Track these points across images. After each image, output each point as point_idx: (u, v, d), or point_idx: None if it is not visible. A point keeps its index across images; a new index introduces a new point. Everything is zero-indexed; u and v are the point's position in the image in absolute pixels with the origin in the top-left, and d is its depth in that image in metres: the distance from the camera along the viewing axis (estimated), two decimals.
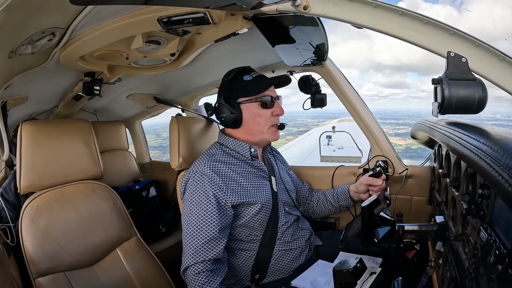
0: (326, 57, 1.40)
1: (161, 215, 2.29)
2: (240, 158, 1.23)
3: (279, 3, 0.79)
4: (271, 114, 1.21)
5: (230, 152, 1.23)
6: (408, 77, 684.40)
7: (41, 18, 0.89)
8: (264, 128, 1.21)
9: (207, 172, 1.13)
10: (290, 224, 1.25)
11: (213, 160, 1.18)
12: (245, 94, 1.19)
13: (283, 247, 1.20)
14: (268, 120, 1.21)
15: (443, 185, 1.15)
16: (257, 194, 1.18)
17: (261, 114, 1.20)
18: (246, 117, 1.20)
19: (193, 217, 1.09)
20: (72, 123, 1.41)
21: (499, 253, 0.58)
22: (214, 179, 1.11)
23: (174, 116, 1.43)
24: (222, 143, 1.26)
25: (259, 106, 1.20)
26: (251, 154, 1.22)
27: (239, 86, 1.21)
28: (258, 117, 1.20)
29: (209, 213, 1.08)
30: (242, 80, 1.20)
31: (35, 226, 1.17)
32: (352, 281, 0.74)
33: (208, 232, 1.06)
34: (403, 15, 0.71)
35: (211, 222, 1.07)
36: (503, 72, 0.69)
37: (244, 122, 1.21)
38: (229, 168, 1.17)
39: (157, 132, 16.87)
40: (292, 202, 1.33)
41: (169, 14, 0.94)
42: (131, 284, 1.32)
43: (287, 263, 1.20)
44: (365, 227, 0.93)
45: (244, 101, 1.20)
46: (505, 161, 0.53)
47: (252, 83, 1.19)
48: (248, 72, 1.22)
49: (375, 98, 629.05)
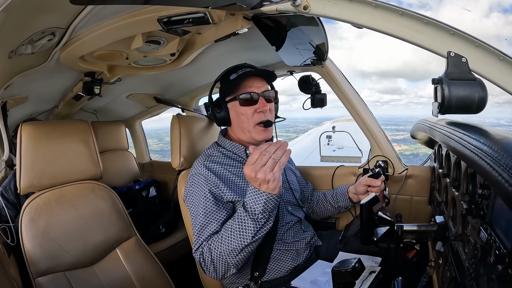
0: (326, 57, 1.41)
1: (161, 215, 2.29)
2: (237, 159, 1.22)
3: (279, 3, 0.79)
4: (254, 111, 1.17)
5: (227, 153, 1.23)
6: (397, 83, 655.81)
7: (41, 18, 0.89)
8: (249, 126, 1.18)
9: (203, 171, 1.14)
10: (292, 225, 1.24)
11: (209, 160, 1.19)
12: (229, 92, 1.19)
13: (282, 247, 1.19)
14: (251, 117, 1.17)
15: (443, 185, 1.15)
16: None
17: (242, 112, 1.17)
18: (232, 115, 1.21)
19: (198, 219, 1.09)
20: (72, 124, 1.41)
21: (499, 253, 0.58)
22: (209, 177, 1.12)
23: (175, 115, 1.42)
24: (220, 143, 1.27)
25: (241, 103, 1.17)
26: (247, 155, 1.21)
27: (224, 86, 1.22)
28: (241, 115, 1.18)
29: (209, 210, 1.08)
30: (228, 79, 1.20)
31: (35, 226, 1.18)
32: (351, 281, 0.74)
33: (213, 226, 1.06)
34: (403, 15, 0.71)
35: (213, 218, 1.07)
36: (503, 72, 0.69)
37: (232, 121, 1.21)
38: (225, 169, 1.17)
39: (160, 137, 16.90)
40: (296, 201, 1.32)
41: (169, 14, 0.94)
42: (131, 284, 1.32)
43: (286, 262, 1.19)
44: (364, 225, 0.93)
45: (228, 100, 1.20)
46: (505, 161, 0.53)
47: (235, 81, 1.17)
48: (236, 70, 1.20)
49: (377, 104, 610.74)
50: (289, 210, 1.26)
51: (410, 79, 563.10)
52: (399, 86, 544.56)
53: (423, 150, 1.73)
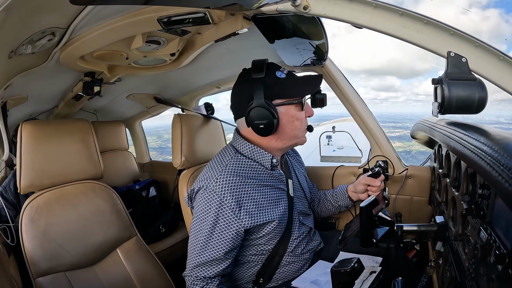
0: (326, 57, 1.40)
1: (161, 215, 2.29)
2: (258, 169, 1.09)
3: (279, 3, 0.79)
4: (305, 116, 1.10)
5: (247, 162, 1.08)
6: (387, 80, 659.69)
7: (41, 18, 0.89)
8: (300, 132, 1.09)
9: (218, 190, 1.00)
10: (303, 237, 1.19)
11: (226, 172, 1.03)
12: (283, 94, 1.04)
13: (291, 259, 1.16)
14: (304, 123, 1.10)
15: (443, 185, 1.15)
16: (274, 210, 1.07)
17: (299, 117, 1.06)
18: (284, 121, 1.05)
19: (200, 236, 1.02)
20: (72, 123, 1.40)
21: (499, 253, 0.58)
22: (225, 199, 0.99)
23: (177, 114, 1.41)
24: (238, 149, 1.11)
25: (297, 108, 1.06)
26: (272, 164, 1.09)
27: (274, 85, 1.03)
28: (296, 121, 1.06)
29: (216, 236, 1.00)
30: (276, 77, 1.04)
31: (35, 226, 1.17)
32: (350, 281, 0.74)
33: (213, 253, 1.01)
34: (403, 15, 0.71)
35: (217, 245, 1.00)
36: (503, 72, 0.69)
37: (280, 127, 1.04)
38: (244, 183, 1.03)
39: (159, 134, 16.90)
40: (307, 209, 1.28)
41: (169, 14, 0.94)
42: (131, 284, 1.32)
43: (294, 271, 1.17)
44: (364, 228, 0.93)
45: (281, 103, 1.04)
46: (505, 161, 0.53)
47: (289, 81, 1.05)
48: (278, 68, 1.06)
49: (376, 101, 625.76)
50: (301, 220, 1.20)
51: (399, 77, 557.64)
52: (391, 83, 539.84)
53: (416, 147, 1.74)
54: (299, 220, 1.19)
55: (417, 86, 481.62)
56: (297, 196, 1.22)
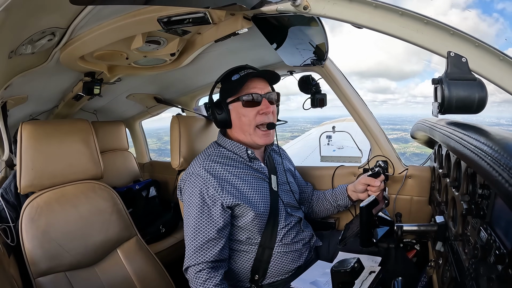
0: (326, 57, 1.40)
1: (161, 215, 2.29)
2: (237, 159, 1.21)
3: (279, 3, 0.79)
4: (256, 113, 1.16)
5: (227, 153, 1.21)
6: (379, 82, 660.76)
7: (41, 18, 0.89)
8: (250, 128, 1.17)
9: (202, 173, 1.13)
10: (292, 226, 1.23)
11: (209, 160, 1.17)
12: (230, 94, 1.18)
13: (282, 249, 1.19)
14: (253, 119, 1.17)
15: (443, 185, 1.15)
16: (254, 196, 1.16)
17: (244, 113, 1.16)
18: (234, 117, 1.19)
19: (191, 219, 1.11)
20: (72, 123, 1.41)
21: (499, 253, 0.58)
22: (208, 180, 1.11)
23: (175, 115, 1.42)
24: (220, 143, 1.26)
25: (246, 105, 1.16)
26: (249, 156, 1.21)
27: (226, 87, 1.21)
28: (242, 117, 1.17)
29: (205, 214, 1.09)
30: (229, 80, 1.18)
31: (35, 226, 1.17)
32: (350, 281, 0.74)
33: (206, 233, 1.08)
34: (404, 15, 0.71)
35: (208, 223, 1.08)
36: (503, 72, 0.69)
37: (233, 122, 1.20)
38: (225, 170, 1.15)
39: (159, 136, 16.92)
40: (296, 203, 1.32)
41: (169, 14, 0.94)
42: (131, 284, 1.32)
43: (287, 264, 1.19)
44: (364, 227, 0.93)
45: (230, 101, 1.19)
46: (505, 161, 0.53)
47: (237, 82, 1.16)
48: (238, 71, 1.19)
49: (375, 103, 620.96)
50: (289, 211, 1.26)
51: (390, 78, 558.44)
52: (386, 85, 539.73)
53: (411, 149, 1.75)
54: (286, 211, 1.24)
55: (413, 88, 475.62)
56: (283, 190, 1.29)
